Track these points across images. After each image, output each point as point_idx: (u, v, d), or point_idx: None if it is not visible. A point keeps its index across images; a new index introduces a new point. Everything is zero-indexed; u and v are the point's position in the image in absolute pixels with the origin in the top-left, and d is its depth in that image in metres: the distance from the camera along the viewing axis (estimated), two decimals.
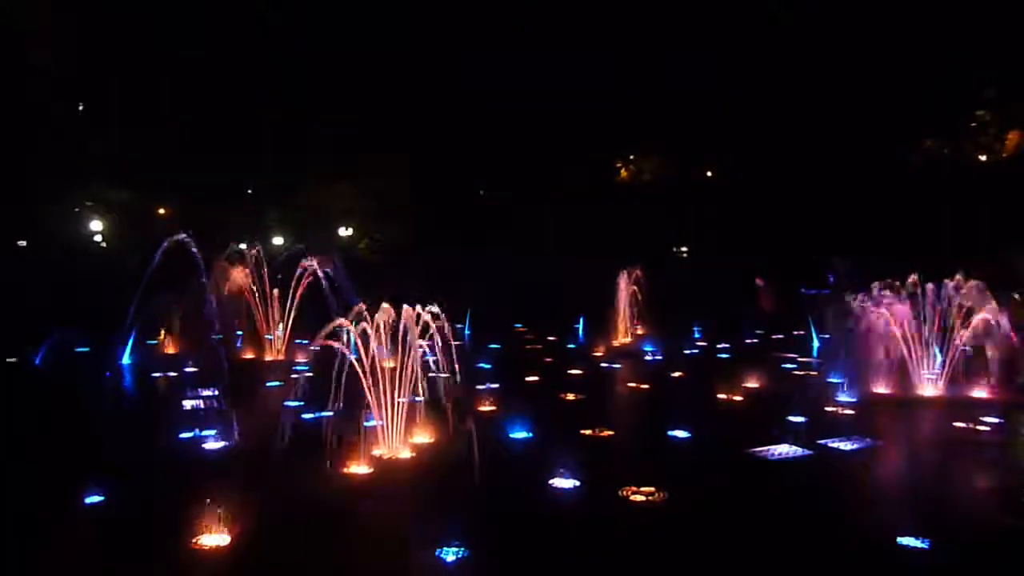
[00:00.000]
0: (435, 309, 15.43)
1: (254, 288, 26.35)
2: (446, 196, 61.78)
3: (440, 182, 61.56)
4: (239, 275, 26.36)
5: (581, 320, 32.65)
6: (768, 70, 60.19)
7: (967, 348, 20.11)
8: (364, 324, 14.07)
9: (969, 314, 19.94)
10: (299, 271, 25.49)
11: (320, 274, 24.95)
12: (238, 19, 56.67)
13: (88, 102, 56.47)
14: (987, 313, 19.48)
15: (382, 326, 14.59)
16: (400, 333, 14.39)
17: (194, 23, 55.45)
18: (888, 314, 19.86)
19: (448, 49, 60.26)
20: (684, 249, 66.27)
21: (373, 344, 13.99)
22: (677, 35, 61.39)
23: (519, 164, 64.28)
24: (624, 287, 32.18)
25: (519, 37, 61.76)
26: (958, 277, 20.48)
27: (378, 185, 59.11)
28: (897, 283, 21.05)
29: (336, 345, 13.48)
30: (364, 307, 14.45)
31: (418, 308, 14.86)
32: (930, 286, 20.53)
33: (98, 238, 57.53)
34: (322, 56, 58.55)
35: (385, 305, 14.66)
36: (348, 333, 14.21)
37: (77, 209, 56.23)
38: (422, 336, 14.86)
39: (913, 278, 20.93)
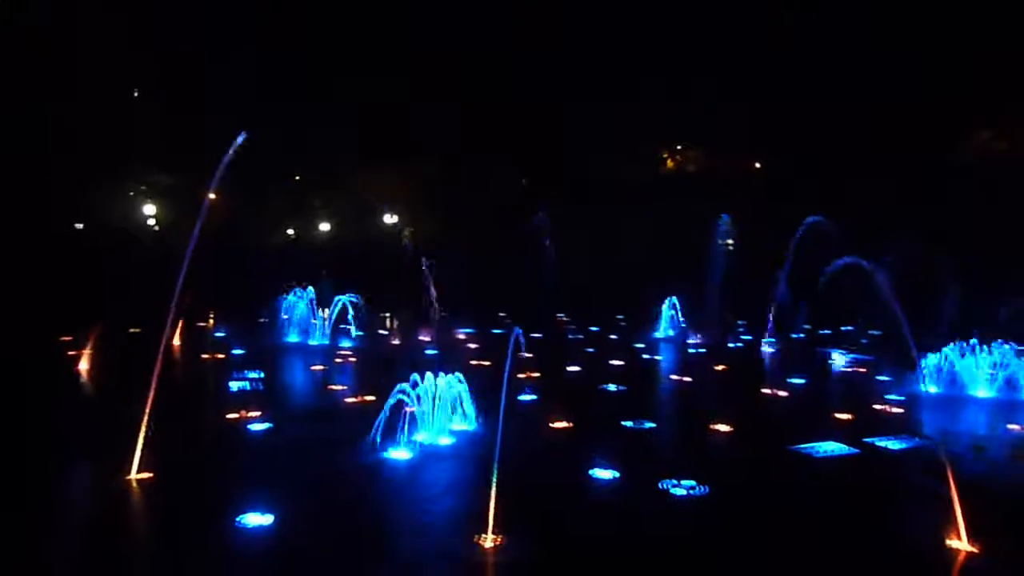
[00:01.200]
0: None
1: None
2: (490, 187, 61.72)
3: (484, 173, 61.55)
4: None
5: (624, 313, 32.49)
6: (819, 57, 58.75)
7: None
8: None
9: None
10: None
11: None
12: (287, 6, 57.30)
13: (141, 87, 57.74)
14: None
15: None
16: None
17: (243, 8, 56.20)
18: None
19: (494, 41, 60.10)
20: (730, 242, 65.26)
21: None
22: (720, 21, 60.22)
23: (562, 154, 63.92)
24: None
25: (565, 28, 61.27)
26: None
27: (422, 175, 59.38)
28: None
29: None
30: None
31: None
32: None
33: (151, 222, 58.92)
34: (372, 41, 58.85)
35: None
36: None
37: (132, 193, 57.65)
38: None
39: None
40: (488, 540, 9.11)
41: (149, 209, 58.80)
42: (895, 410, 17.24)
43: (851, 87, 57.61)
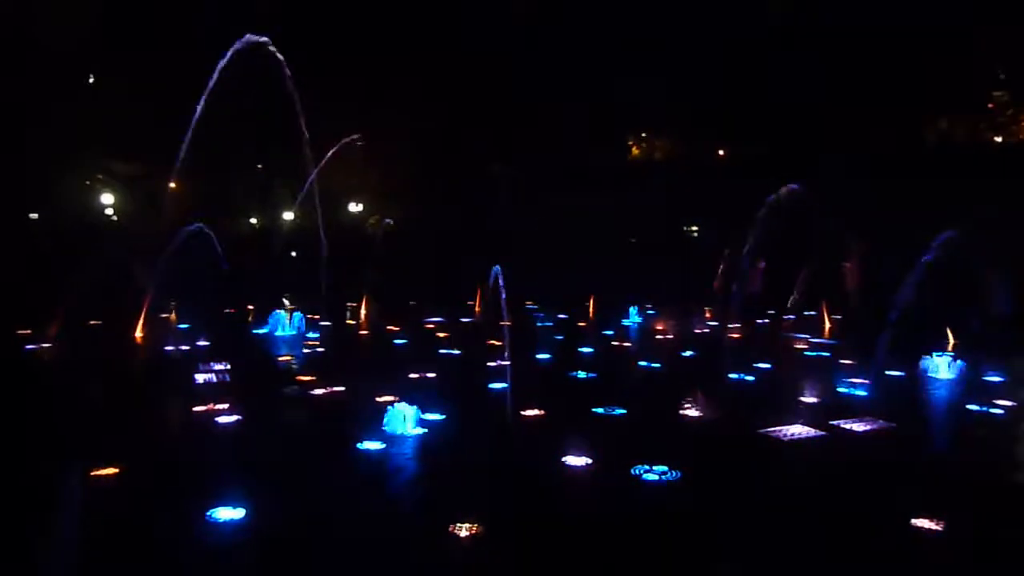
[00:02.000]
0: None
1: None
2: (456, 174, 61.43)
3: (450, 160, 61.23)
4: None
5: (591, 300, 32.61)
6: (783, 47, 59.43)
7: None
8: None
9: None
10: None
11: None
12: None
13: (98, 73, 56.30)
14: None
15: None
16: None
17: None
18: None
19: (459, 27, 59.73)
20: (695, 229, 65.92)
21: None
22: (686, 9, 60.60)
23: (530, 142, 63.86)
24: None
25: (531, 15, 61.11)
26: None
27: (387, 161, 58.85)
28: None
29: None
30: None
31: None
32: None
33: (109, 211, 57.58)
34: (335, 25, 58.06)
35: None
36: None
37: (88, 182, 56.24)
38: None
39: None
40: (463, 529, 9.09)
41: (107, 199, 57.44)
42: None
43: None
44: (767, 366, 20.79)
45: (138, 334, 24.14)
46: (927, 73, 56.11)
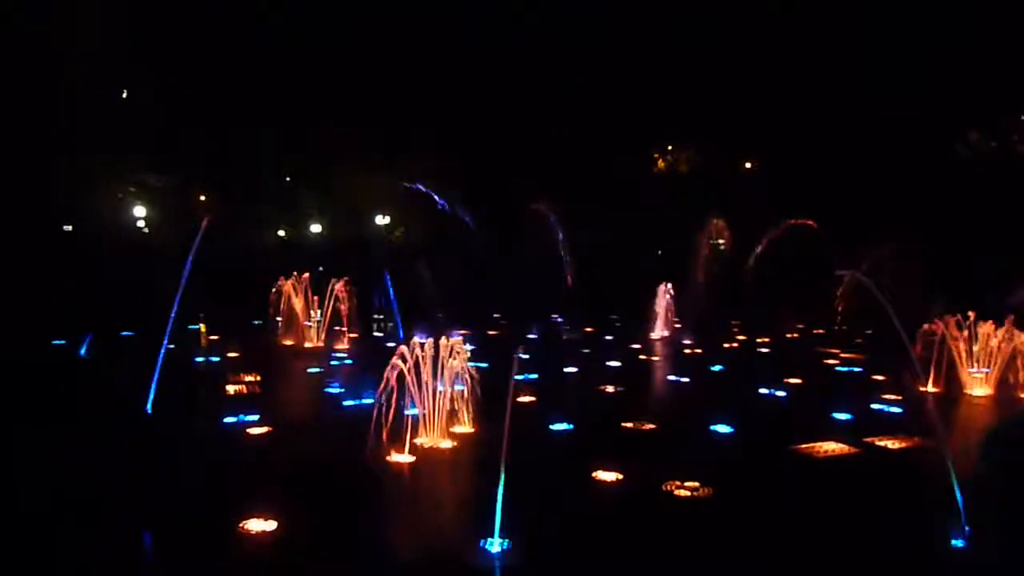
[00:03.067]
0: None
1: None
2: (478, 189, 61.49)
3: (473, 175, 61.36)
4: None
5: (619, 313, 32.46)
6: (811, 59, 58.98)
7: None
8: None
9: None
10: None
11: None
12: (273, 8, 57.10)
13: (130, 88, 57.36)
14: None
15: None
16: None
17: (230, 11, 55.96)
18: None
19: (484, 43, 60.08)
20: (721, 242, 65.41)
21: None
22: (713, 21, 60.45)
23: (552, 155, 63.84)
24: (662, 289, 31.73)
25: (558, 26, 61.28)
26: None
27: (410, 175, 59.22)
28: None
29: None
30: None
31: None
32: None
33: (141, 223, 58.51)
34: (364, 43, 58.72)
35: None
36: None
37: (121, 196, 57.24)
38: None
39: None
40: (494, 544, 9.04)
41: (139, 211, 58.38)
42: None
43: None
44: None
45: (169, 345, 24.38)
46: (960, 82, 55.31)
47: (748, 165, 69.94)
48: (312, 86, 57.74)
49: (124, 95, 58.02)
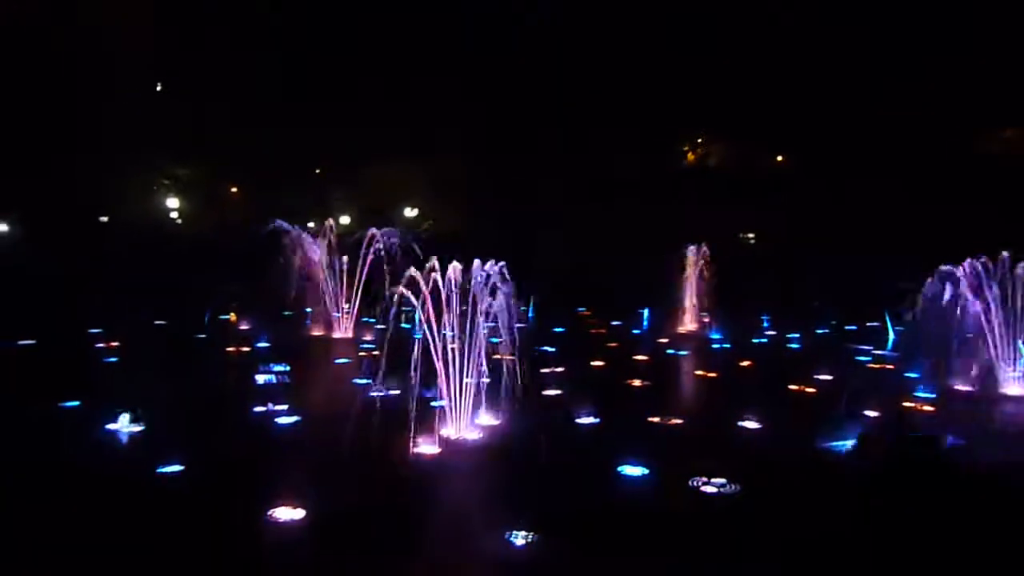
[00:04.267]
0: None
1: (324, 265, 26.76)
2: (505, 179, 61.48)
3: (498, 165, 61.33)
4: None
5: (647, 307, 32.21)
6: (843, 54, 58.06)
7: None
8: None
9: None
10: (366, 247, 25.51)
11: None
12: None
13: (165, 80, 58.19)
14: None
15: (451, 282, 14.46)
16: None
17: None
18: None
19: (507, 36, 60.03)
20: (751, 236, 64.75)
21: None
22: (746, 16, 59.77)
23: (580, 147, 63.57)
24: (691, 271, 31.49)
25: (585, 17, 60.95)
26: None
27: (439, 168, 59.45)
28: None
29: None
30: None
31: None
32: None
33: (174, 215, 59.40)
34: (394, 39, 58.96)
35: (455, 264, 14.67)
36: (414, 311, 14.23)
37: (156, 188, 58.15)
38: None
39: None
40: (520, 537, 9.06)
41: (172, 202, 59.27)
42: None
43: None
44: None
45: (200, 335, 24.77)
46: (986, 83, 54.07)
47: (779, 159, 69.12)
48: (339, 84, 58.16)
49: (159, 88, 58.88)
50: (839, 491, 11.50)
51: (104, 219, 53.65)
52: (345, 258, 27.02)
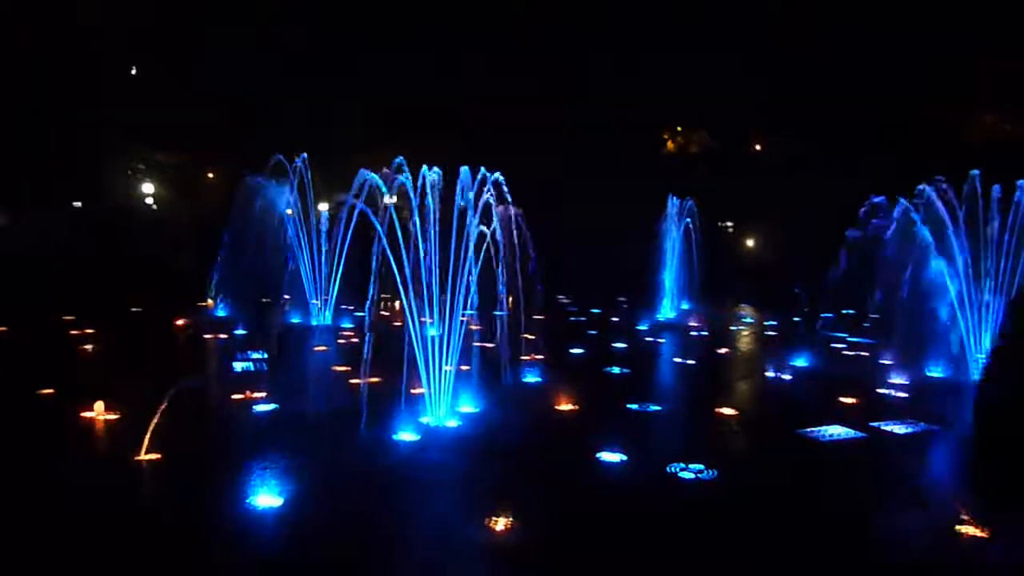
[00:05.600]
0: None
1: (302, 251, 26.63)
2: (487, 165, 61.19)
3: (481, 152, 61.05)
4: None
5: (625, 295, 32.40)
6: (826, 38, 58.27)
7: None
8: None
9: None
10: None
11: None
12: None
13: (140, 65, 57.23)
14: None
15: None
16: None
17: None
18: None
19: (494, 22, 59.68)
20: (730, 224, 65.09)
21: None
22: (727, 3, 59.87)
23: (559, 134, 63.37)
24: (671, 260, 31.73)
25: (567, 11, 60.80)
26: None
27: (421, 154, 58.99)
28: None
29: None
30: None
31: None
32: None
33: (149, 200, 58.55)
34: (372, 26, 58.41)
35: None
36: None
37: (130, 172, 57.24)
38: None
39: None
40: (499, 522, 9.10)
41: (147, 188, 58.41)
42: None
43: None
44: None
45: (178, 322, 24.54)
46: (977, 70, 54.50)
47: (758, 147, 69.48)
48: (331, 62, 57.45)
49: (134, 72, 57.91)
50: (814, 478, 11.65)
51: (78, 204, 52.79)
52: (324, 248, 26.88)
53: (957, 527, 9.31)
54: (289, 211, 28.25)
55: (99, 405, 13.49)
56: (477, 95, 59.77)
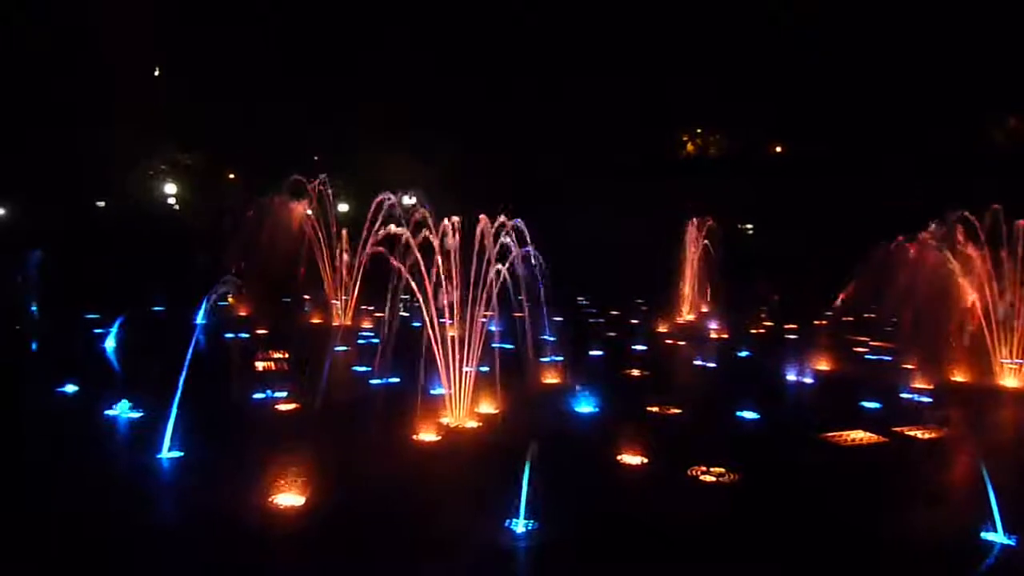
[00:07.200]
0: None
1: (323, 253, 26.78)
2: (504, 171, 61.34)
3: (498, 157, 61.16)
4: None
5: (645, 296, 32.30)
6: (845, 42, 57.92)
7: None
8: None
9: None
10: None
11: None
12: None
13: (163, 67, 57.91)
14: None
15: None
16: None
17: None
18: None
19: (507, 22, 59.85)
20: (749, 226, 64.77)
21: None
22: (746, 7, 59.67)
23: (581, 137, 63.38)
24: (689, 261, 31.61)
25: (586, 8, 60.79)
26: None
27: (434, 156, 59.28)
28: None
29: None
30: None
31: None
32: None
33: (171, 200, 59.22)
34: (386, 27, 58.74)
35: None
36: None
37: (152, 173, 57.92)
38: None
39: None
40: (519, 525, 9.09)
41: (170, 188, 59.07)
42: None
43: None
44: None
45: (199, 321, 24.69)
46: (993, 70, 53.90)
47: (779, 150, 69.11)
48: (335, 62, 57.82)
49: (157, 73, 58.56)
50: (836, 482, 11.55)
51: (101, 204, 53.50)
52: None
53: (983, 534, 9.20)
54: (308, 211, 28.43)
55: (123, 404, 13.62)
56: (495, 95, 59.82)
